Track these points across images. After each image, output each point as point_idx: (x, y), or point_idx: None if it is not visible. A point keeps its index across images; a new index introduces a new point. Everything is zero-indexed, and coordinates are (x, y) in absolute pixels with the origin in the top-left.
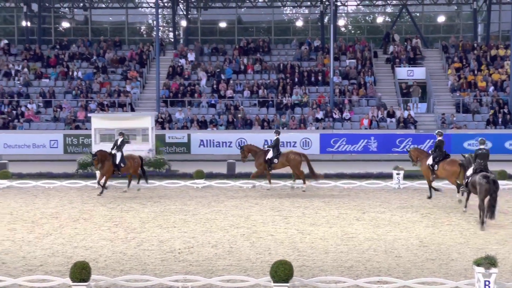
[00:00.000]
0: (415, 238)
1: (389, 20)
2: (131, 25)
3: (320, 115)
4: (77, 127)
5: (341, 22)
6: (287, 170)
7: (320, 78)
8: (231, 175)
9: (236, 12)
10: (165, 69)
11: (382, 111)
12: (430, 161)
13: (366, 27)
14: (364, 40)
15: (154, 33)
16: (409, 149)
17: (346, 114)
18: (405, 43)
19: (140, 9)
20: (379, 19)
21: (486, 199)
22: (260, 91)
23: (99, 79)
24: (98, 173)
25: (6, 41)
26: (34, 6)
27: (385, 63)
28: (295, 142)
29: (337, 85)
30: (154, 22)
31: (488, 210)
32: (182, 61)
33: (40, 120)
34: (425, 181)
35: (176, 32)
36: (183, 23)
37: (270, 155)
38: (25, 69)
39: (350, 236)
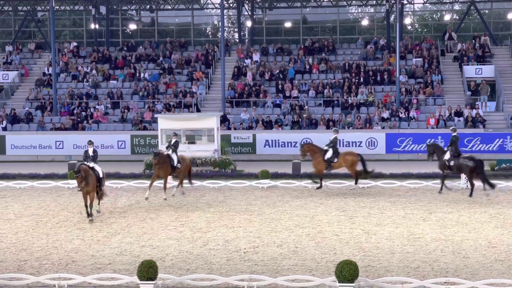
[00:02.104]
0: (483, 239)
1: (457, 17)
2: (196, 26)
3: (386, 114)
4: (144, 128)
5: (407, 21)
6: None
7: (386, 77)
8: (297, 175)
9: (301, 12)
10: (230, 69)
11: (450, 109)
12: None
13: (433, 25)
14: (431, 38)
15: (220, 33)
16: (302, 144)
17: (412, 113)
18: (473, 40)
19: (205, 10)
20: (447, 17)
21: (474, 176)
22: (326, 91)
23: (165, 80)
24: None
25: (75, 44)
26: (102, 9)
27: (453, 61)
28: (361, 142)
29: (403, 84)
30: (220, 23)
31: (485, 183)
32: (247, 61)
33: (108, 121)
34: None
35: (241, 33)
36: (248, 23)
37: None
38: (94, 71)
39: (416, 237)
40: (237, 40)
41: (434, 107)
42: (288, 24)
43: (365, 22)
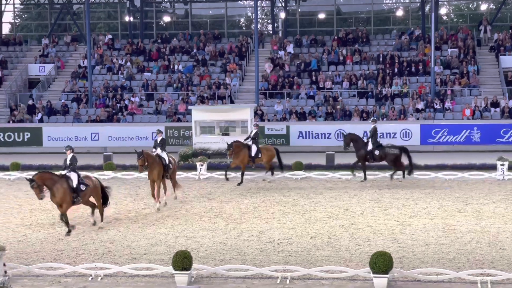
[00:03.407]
0: None
1: (493, 7)
2: (230, 18)
3: (420, 105)
4: (178, 120)
5: (442, 11)
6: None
7: (420, 68)
8: (330, 166)
9: (335, 3)
10: (264, 61)
11: (486, 100)
12: (370, 146)
13: (469, 15)
14: (467, 28)
15: (253, 25)
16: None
17: (447, 104)
18: (510, 30)
19: (239, 1)
20: (483, 6)
21: (399, 163)
22: (359, 82)
23: (199, 72)
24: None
25: (110, 36)
26: (137, 1)
27: (489, 52)
28: (395, 133)
29: (438, 75)
30: (253, 14)
31: (408, 169)
32: (281, 53)
33: (143, 113)
34: None
35: (275, 24)
36: (282, 15)
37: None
38: (128, 63)
39: (451, 228)
40: (271, 32)
41: (469, 98)
42: (322, 15)
43: (399, 13)
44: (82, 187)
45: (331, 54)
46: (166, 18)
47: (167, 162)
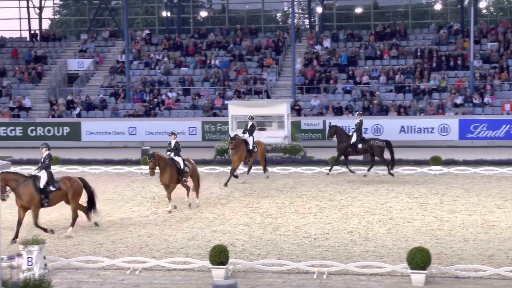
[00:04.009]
0: None
1: None
2: (267, 12)
3: (459, 100)
4: (214, 114)
5: (482, 4)
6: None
7: (459, 62)
8: (368, 161)
9: None
10: (301, 56)
11: None
12: (354, 139)
13: (509, 8)
14: (507, 22)
15: (290, 20)
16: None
17: (487, 99)
18: None
19: None
20: None
21: (384, 157)
22: (397, 77)
23: (236, 67)
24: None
25: (147, 31)
26: None
27: None
28: (433, 128)
29: (478, 69)
30: (290, 9)
31: (390, 163)
32: (318, 47)
33: (180, 108)
34: None
35: (312, 19)
36: (319, 9)
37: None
38: (165, 58)
39: (491, 224)
40: (307, 26)
41: (509, 93)
42: (359, 10)
43: (438, 6)
44: (52, 188)
45: (368, 48)
46: (203, 13)
47: (182, 166)
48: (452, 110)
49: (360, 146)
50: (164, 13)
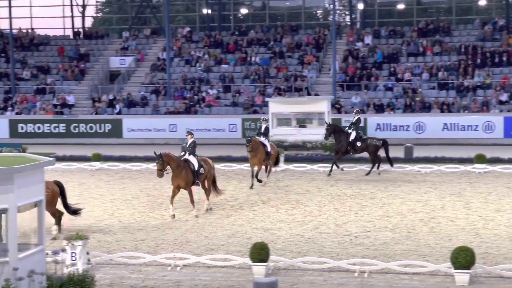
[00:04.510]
0: None
1: None
2: (307, 9)
3: (504, 97)
4: (254, 112)
5: None
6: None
7: (504, 58)
8: (409, 159)
9: None
10: (341, 53)
11: None
12: (352, 137)
13: None
14: None
15: (331, 17)
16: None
17: None
18: None
19: None
20: None
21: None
22: (440, 74)
23: (276, 64)
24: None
25: (188, 29)
26: None
27: None
28: (477, 126)
29: None
30: (331, 6)
31: (389, 161)
32: (359, 44)
33: (220, 105)
34: None
35: (353, 15)
36: (360, 5)
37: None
38: (206, 56)
39: None
40: (349, 23)
41: None
42: (401, 6)
43: (482, 2)
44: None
45: (410, 45)
46: (244, 11)
47: (196, 167)
48: (497, 107)
49: (358, 144)
50: (205, 11)
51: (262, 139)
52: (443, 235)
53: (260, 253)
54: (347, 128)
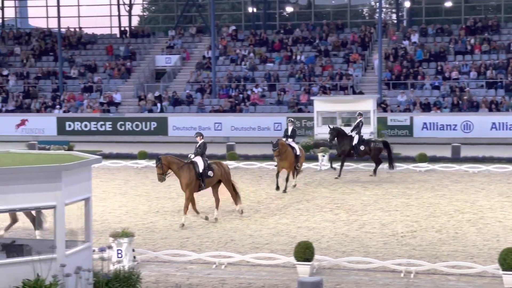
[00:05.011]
0: None
1: None
2: (353, 7)
3: None
4: (299, 110)
5: None
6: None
7: None
8: (456, 158)
9: None
10: (387, 51)
11: None
12: (356, 140)
13: None
14: None
15: (377, 15)
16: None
17: None
18: None
19: None
20: None
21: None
22: (488, 72)
23: (321, 63)
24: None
25: (233, 27)
26: None
27: None
28: None
29: None
30: (377, 3)
31: (391, 162)
32: (405, 42)
33: (265, 103)
34: None
35: (399, 13)
36: (407, 3)
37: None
38: (251, 54)
39: None
40: (395, 21)
41: None
42: (448, 3)
43: None
44: (209, 174)
45: (458, 43)
46: (289, 9)
47: (201, 169)
48: None
49: (362, 148)
50: (250, 9)
51: (290, 141)
52: (491, 236)
53: (304, 252)
54: (349, 132)
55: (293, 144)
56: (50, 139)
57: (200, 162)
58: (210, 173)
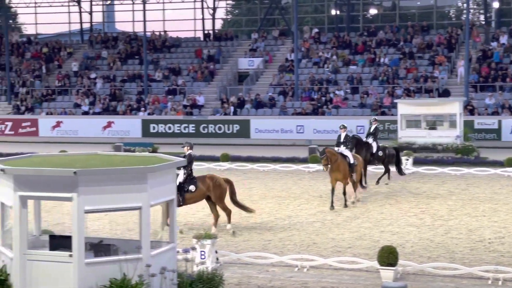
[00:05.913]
0: None
1: None
2: (439, 9)
3: None
4: (383, 113)
5: None
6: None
7: None
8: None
9: None
10: (474, 53)
11: None
12: (375, 148)
13: None
14: None
15: (464, 16)
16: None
17: None
18: None
19: None
20: None
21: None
22: None
23: (406, 65)
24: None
25: (316, 30)
26: None
27: None
28: None
29: None
30: (464, 4)
31: (400, 170)
32: (494, 44)
33: (348, 106)
34: None
35: (487, 14)
36: (495, 4)
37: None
38: (334, 57)
39: None
40: (483, 22)
41: None
42: None
43: None
44: (380, 153)
45: None
46: (373, 11)
47: (181, 180)
48: None
49: (380, 154)
50: (333, 11)
51: (342, 148)
52: None
53: (388, 256)
54: (365, 138)
55: (346, 152)
56: (135, 141)
57: (180, 176)
58: (191, 187)
